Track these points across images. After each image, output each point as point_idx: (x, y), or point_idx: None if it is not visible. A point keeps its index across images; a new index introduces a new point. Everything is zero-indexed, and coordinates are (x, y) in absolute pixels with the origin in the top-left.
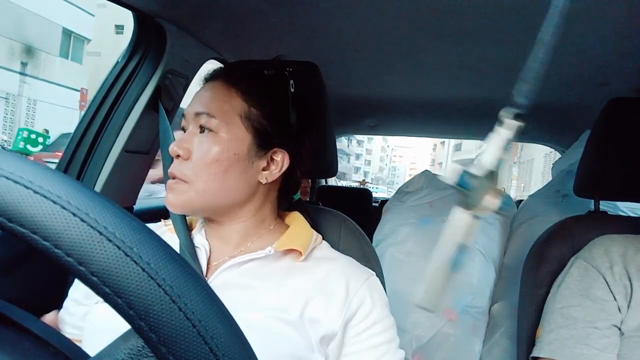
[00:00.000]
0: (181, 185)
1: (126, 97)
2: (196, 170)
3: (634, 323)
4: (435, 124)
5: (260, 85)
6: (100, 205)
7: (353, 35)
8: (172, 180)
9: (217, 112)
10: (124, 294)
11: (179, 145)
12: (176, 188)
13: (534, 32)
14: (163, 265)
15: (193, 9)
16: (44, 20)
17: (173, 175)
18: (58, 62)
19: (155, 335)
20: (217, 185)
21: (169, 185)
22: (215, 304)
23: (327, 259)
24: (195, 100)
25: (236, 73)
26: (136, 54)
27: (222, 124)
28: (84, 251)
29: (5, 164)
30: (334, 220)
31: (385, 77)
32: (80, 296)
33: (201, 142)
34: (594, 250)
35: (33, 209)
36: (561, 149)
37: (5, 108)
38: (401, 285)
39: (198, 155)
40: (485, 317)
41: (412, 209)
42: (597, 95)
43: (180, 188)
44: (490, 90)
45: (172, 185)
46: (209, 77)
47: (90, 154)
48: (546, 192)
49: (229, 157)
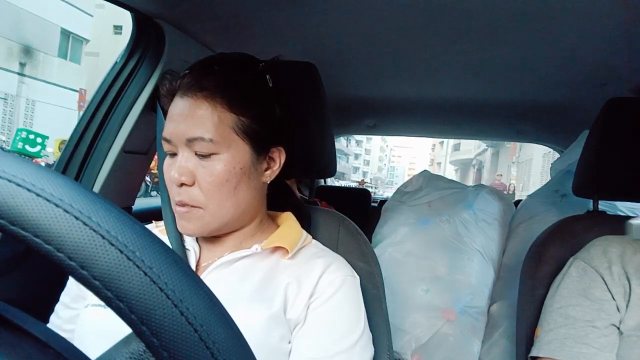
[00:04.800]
0: (195, 211)
1: (125, 98)
2: (208, 194)
3: (632, 322)
4: (434, 124)
5: (241, 91)
6: (102, 209)
7: (352, 36)
8: (183, 208)
9: (213, 134)
10: (126, 298)
11: (181, 173)
12: (191, 215)
13: (533, 32)
14: (165, 269)
15: (192, 10)
16: (42, 21)
17: (183, 203)
18: (56, 63)
19: (157, 339)
20: (231, 202)
21: (180, 213)
22: (217, 309)
23: (315, 256)
24: (179, 123)
25: (212, 83)
26: (135, 55)
27: (221, 144)
28: (86, 255)
29: (7, 167)
30: (332, 220)
31: (384, 77)
32: (68, 300)
33: (204, 167)
34: (593, 250)
35: (35, 212)
36: (560, 149)
37: (3, 108)
38: (400, 285)
39: (206, 180)
40: (484, 317)
41: (411, 209)
42: (595, 95)
43: (196, 214)
44: (489, 90)
45: (185, 214)
46: (182, 93)
47: (89, 155)
48: (545, 192)
49: (236, 173)
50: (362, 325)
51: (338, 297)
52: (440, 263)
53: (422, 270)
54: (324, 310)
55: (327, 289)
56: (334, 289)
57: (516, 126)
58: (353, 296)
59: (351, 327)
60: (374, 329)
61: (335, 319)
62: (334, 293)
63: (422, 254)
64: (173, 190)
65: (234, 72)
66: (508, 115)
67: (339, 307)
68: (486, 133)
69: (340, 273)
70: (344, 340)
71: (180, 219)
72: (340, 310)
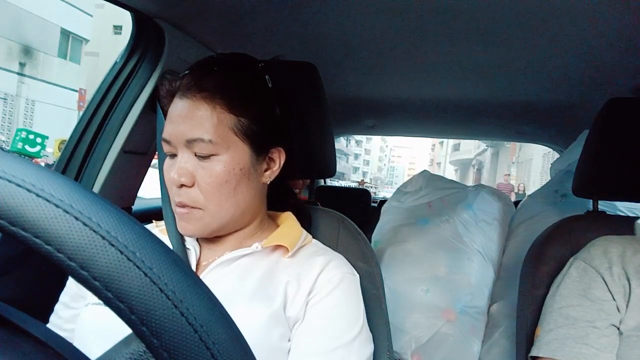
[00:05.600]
0: (195, 212)
1: (124, 98)
2: (208, 195)
3: (632, 322)
4: (433, 124)
5: (241, 92)
6: (102, 209)
7: (352, 36)
8: (183, 209)
9: (212, 135)
10: (126, 298)
11: (181, 174)
12: (191, 216)
13: (533, 32)
14: (165, 270)
15: (191, 10)
16: (42, 21)
17: (183, 204)
18: (56, 63)
19: (157, 340)
20: (231, 203)
21: (180, 214)
22: (217, 310)
23: (314, 255)
24: (179, 124)
25: (211, 84)
26: (134, 55)
27: (220, 145)
28: (86, 255)
29: (7, 167)
30: (332, 220)
31: (384, 77)
32: (68, 299)
33: (204, 168)
34: (593, 250)
35: (35, 212)
36: (560, 149)
37: (3, 108)
38: (400, 285)
39: (206, 181)
40: (484, 317)
41: (410, 209)
42: (595, 95)
43: (195, 215)
44: (488, 90)
45: (186, 215)
46: (181, 94)
47: (89, 155)
48: (545, 192)
49: (236, 174)
50: (360, 322)
51: (336, 294)
52: (440, 263)
53: (422, 270)
54: (322, 306)
55: (326, 285)
56: (332, 285)
57: (516, 126)
58: (352, 293)
59: (350, 323)
60: (373, 329)
61: (334, 315)
62: (333, 290)
63: (421, 254)
64: (173, 191)
65: (233, 72)
66: (508, 115)
67: (337, 304)
68: (486, 133)
69: (339, 270)
70: (342, 336)
71: (180, 220)
72: (339, 307)
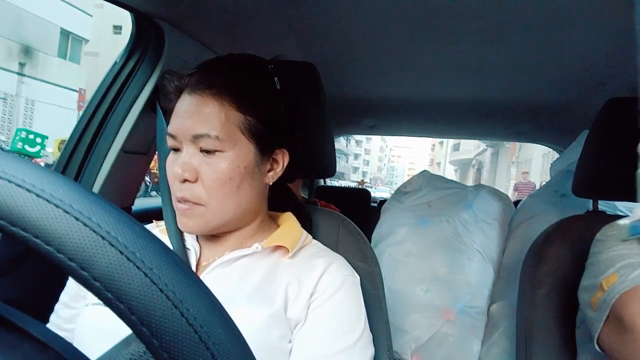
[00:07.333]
0: (197, 208)
1: (124, 98)
2: (210, 191)
3: None
4: (433, 124)
5: (249, 90)
6: (102, 210)
7: (352, 36)
8: (185, 205)
9: (219, 132)
10: (126, 299)
11: (184, 169)
12: (192, 212)
13: (533, 32)
14: (165, 270)
15: (191, 10)
16: (42, 21)
17: (185, 200)
18: (56, 63)
19: (157, 340)
20: (233, 201)
21: (181, 210)
22: (217, 310)
23: (315, 256)
24: (186, 119)
25: (221, 82)
26: (134, 55)
27: (226, 142)
28: (87, 256)
29: (7, 167)
30: (332, 220)
31: (384, 77)
32: (68, 299)
33: (209, 164)
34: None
35: (35, 213)
36: (559, 149)
37: (3, 108)
38: (400, 285)
39: (210, 177)
40: (484, 317)
41: (410, 209)
42: (595, 95)
43: (197, 211)
44: (488, 90)
45: (187, 211)
46: (190, 91)
47: (89, 154)
48: (545, 192)
49: (240, 172)
50: (362, 324)
51: (338, 297)
52: (440, 263)
53: (421, 270)
54: (324, 309)
55: (328, 288)
56: (334, 288)
57: (516, 126)
58: (353, 296)
59: (351, 326)
60: (373, 329)
61: (336, 318)
62: (335, 292)
63: (421, 254)
64: (175, 187)
65: (243, 71)
66: (508, 115)
67: (339, 307)
68: (486, 133)
69: (340, 273)
70: (344, 339)
71: (180, 216)
72: (341, 310)
